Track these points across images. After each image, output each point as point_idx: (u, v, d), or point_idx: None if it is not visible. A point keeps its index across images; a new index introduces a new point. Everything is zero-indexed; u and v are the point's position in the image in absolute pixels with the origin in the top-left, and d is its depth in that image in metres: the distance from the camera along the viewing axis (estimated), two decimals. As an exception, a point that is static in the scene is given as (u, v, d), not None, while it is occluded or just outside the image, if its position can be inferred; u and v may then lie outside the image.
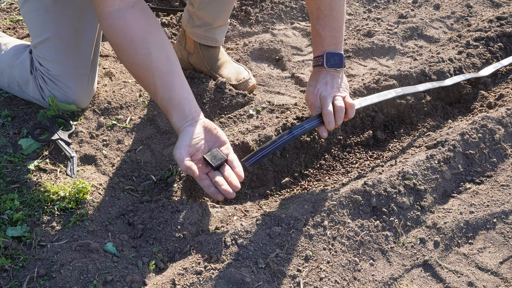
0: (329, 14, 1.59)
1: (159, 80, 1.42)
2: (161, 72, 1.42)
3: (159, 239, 1.44)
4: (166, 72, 1.43)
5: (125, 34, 1.39)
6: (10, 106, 1.83)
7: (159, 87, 1.43)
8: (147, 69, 1.41)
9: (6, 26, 2.24)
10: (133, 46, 1.39)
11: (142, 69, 1.42)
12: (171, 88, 1.44)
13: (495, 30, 2.38)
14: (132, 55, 1.41)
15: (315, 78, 1.63)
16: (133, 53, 1.40)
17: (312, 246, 1.41)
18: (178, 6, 2.54)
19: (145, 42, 1.40)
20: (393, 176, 1.59)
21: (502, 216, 1.58)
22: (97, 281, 1.28)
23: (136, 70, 1.44)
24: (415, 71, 2.10)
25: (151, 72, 1.42)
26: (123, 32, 1.38)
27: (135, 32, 1.39)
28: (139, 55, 1.40)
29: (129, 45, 1.39)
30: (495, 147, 1.78)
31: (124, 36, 1.39)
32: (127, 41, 1.39)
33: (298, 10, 2.62)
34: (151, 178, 1.69)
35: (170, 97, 1.44)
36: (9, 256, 1.33)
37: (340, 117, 1.56)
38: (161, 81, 1.42)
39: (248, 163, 1.53)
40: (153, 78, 1.42)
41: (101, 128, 1.80)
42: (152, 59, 1.40)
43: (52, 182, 1.56)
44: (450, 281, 1.41)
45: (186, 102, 1.45)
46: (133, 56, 1.41)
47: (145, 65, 1.41)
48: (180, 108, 1.44)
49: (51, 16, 1.67)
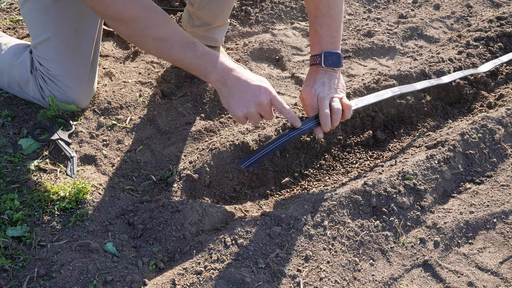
0: (327, 13, 1.59)
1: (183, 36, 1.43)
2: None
3: (159, 239, 1.44)
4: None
5: (138, 2, 1.38)
6: (10, 106, 1.83)
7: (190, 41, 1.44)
8: (174, 29, 1.42)
9: (6, 26, 2.24)
10: (150, 11, 1.39)
11: (167, 30, 1.42)
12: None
13: (495, 30, 2.38)
14: (152, 18, 1.40)
15: (312, 77, 1.63)
16: (153, 15, 1.40)
17: (312, 246, 1.41)
18: (178, 6, 2.54)
19: (158, 9, 1.41)
20: (393, 176, 1.59)
21: (502, 216, 1.58)
22: (97, 281, 1.28)
23: (160, 33, 1.42)
24: (415, 71, 2.10)
25: (177, 31, 1.42)
26: (136, 1, 1.38)
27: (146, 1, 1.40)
28: (159, 17, 1.40)
29: (146, 10, 1.39)
30: (495, 147, 1.78)
31: (138, 3, 1.38)
32: (143, 7, 1.38)
33: (298, 10, 2.62)
34: (151, 178, 1.69)
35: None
36: (9, 256, 1.33)
37: (336, 119, 1.55)
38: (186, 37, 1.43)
39: (244, 165, 1.52)
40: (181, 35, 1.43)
41: (101, 128, 1.80)
42: (171, 23, 1.41)
43: (52, 182, 1.56)
44: (450, 281, 1.41)
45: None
46: (154, 19, 1.40)
47: (169, 25, 1.41)
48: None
49: (51, 16, 1.67)
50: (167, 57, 1.56)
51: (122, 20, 1.40)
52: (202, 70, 1.46)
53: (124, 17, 1.39)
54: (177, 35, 1.43)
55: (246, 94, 1.45)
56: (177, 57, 1.47)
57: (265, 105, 1.45)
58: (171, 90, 2.05)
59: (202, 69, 1.46)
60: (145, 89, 1.98)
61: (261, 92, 1.45)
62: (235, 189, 1.71)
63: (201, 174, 1.64)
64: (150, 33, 1.42)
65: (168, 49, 1.44)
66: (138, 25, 1.40)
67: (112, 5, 1.38)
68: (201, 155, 1.70)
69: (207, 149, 1.71)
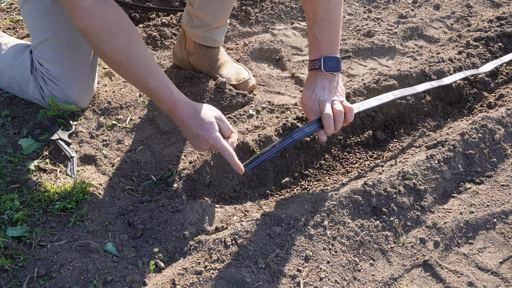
0: (325, 17, 1.59)
1: (142, 62, 1.44)
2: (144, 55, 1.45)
3: (159, 239, 1.44)
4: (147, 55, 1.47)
5: (104, 20, 1.39)
6: (10, 106, 1.83)
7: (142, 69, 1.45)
8: (128, 53, 1.42)
9: (6, 26, 2.24)
10: (114, 30, 1.40)
11: (123, 55, 1.42)
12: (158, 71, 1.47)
13: (495, 30, 2.38)
14: (114, 39, 1.41)
15: (312, 82, 1.63)
16: (114, 37, 1.41)
17: (312, 246, 1.41)
18: (178, 6, 2.54)
19: (125, 28, 1.42)
20: (393, 176, 1.59)
21: (502, 216, 1.58)
22: (97, 281, 1.28)
23: (117, 56, 1.43)
24: (415, 71, 2.10)
25: (133, 55, 1.43)
26: (102, 19, 1.38)
27: (114, 18, 1.40)
28: (120, 39, 1.41)
29: (109, 29, 1.40)
30: (495, 147, 1.78)
31: (103, 22, 1.39)
32: (107, 26, 1.39)
33: (298, 10, 2.62)
34: (151, 178, 1.69)
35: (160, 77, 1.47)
36: (9, 256, 1.33)
37: (339, 121, 1.56)
38: (143, 65, 1.45)
39: (249, 167, 1.53)
40: (137, 60, 1.44)
41: (101, 128, 1.80)
42: (133, 44, 1.42)
43: (52, 182, 1.56)
44: (450, 281, 1.41)
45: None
46: (115, 41, 1.41)
47: (129, 48, 1.42)
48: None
49: (50, 17, 1.67)
50: (127, 79, 1.57)
51: (88, 34, 1.41)
52: (157, 103, 1.52)
53: (91, 31, 1.40)
54: (134, 63, 1.44)
55: (192, 140, 1.50)
56: (133, 82, 1.53)
57: (210, 148, 1.49)
58: (171, 90, 2.05)
59: (154, 101, 1.52)
60: (145, 89, 1.98)
61: (199, 140, 1.47)
62: (235, 189, 1.71)
63: (201, 174, 1.64)
64: (109, 53, 1.43)
65: (124, 73, 1.47)
66: (100, 43, 1.42)
67: (79, 18, 1.39)
68: (201, 155, 1.70)
69: (207, 149, 1.71)
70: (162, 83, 1.46)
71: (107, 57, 1.45)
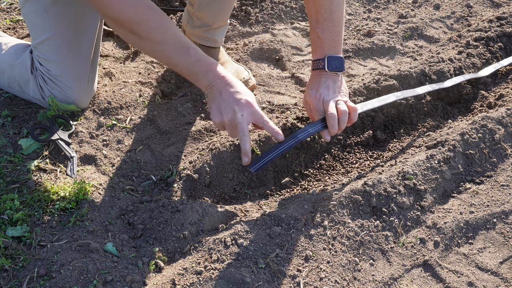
0: (328, 17, 1.59)
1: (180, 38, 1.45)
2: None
3: (159, 239, 1.44)
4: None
5: (133, 3, 1.40)
6: (10, 106, 1.83)
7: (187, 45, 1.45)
8: (170, 32, 1.44)
9: (6, 26, 2.24)
10: (145, 11, 1.41)
11: (163, 34, 1.43)
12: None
13: (495, 30, 2.38)
14: (148, 20, 1.42)
15: (316, 81, 1.62)
16: (148, 17, 1.41)
17: (312, 246, 1.41)
18: (178, 6, 2.54)
19: (154, 8, 1.43)
20: (393, 176, 1.59)
21: (502, 216, 1.58)
22: (97, 281, 1.28)
23: (156, 36, 1.44)
24: (415, 71, 2.10)
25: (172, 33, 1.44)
26: (131, 3, 1.40)
27: (141, 0, 1.42)
28: (153, 19, 1.42)
29: (141, 11, 1.40)
30: (495, 147, 1.78)
31: (133, 6, 1.40)
32: (139, 8, 1.40)
33: (298, 10, 2.62)
34: (151, 178, 1.69)
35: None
36: (9, 256, 1.33)
37: (344, 121, 1.55)
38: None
39: (253, 169, 1.52)
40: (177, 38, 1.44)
41: (101, 128, 1.80)
42: (165, 21, 1.44)
43: (52, 182, 1.56)
44: (450, 281, 1.41)
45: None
46: (149, 22, 1.42)
47: (165, 28, 1.43)
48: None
49: (50, 17, 1.67)
50: (162, 60, 1.58)
51: (119, 21, 1.42)
52: (194, 75, 1.49)
53: (122, 18, 1.41)
54: (173, 39, 1.45)
55: (226, 102, 1.45)
56: (172, 61, 1.50)
57: (237, 120, 1.44)
58: (171, 90, 2.06)
59: (193, 74, 1.49)
60: (145, 89, 1.98)
61: (240, 104, 1.44)
62: (235, 189, 1.71)
63: (201, 174, 1.64)
64: (146, 36, 1.44)
65: (162, 52, 1.47)
66: (135, 28, 1.42)
67: (109, 7, 1.39)
68: (201, 155, 1.70)
69: (207, 149, 1.71)
70: (202, 54, 1.47)
71: (144, 38, 1.44)
